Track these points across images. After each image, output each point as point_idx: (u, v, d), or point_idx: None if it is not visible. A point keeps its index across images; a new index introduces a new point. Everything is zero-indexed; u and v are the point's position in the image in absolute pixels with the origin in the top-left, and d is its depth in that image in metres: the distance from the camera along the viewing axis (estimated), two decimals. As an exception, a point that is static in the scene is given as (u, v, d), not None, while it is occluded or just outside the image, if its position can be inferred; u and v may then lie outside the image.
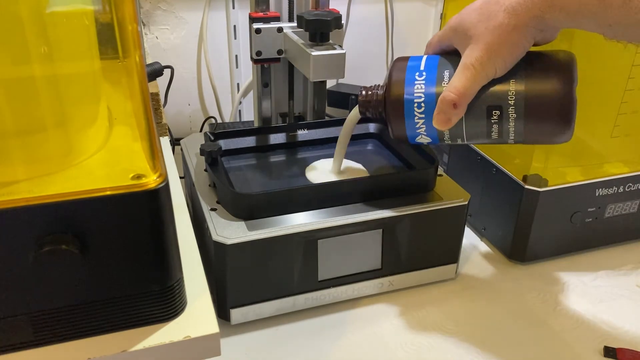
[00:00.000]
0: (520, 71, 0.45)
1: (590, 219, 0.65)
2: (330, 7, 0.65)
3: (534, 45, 0.46)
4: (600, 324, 0.57)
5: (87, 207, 0.34)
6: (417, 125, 0.49)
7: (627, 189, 0.65)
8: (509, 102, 0.45)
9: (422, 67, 0.48)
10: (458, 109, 0.45)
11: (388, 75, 0.50)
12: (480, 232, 0.71)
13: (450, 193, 0.59)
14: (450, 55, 0.48)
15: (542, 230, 0.64)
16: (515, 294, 0.62)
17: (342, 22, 0.63)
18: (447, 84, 0.46)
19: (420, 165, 0.62)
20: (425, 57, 0.50)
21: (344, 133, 0.60)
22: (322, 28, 0.57)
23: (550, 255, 0.67)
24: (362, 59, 1.05)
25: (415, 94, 0.48)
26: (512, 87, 0.45)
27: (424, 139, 0.50)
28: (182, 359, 0.38)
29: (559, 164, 0.62)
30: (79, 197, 0.33)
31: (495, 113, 0.46)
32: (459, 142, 0.49)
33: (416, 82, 0.48)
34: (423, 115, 0.48)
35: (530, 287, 0.63)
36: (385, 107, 0.50)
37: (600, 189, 0.64)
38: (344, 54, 0.57)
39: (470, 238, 0.71)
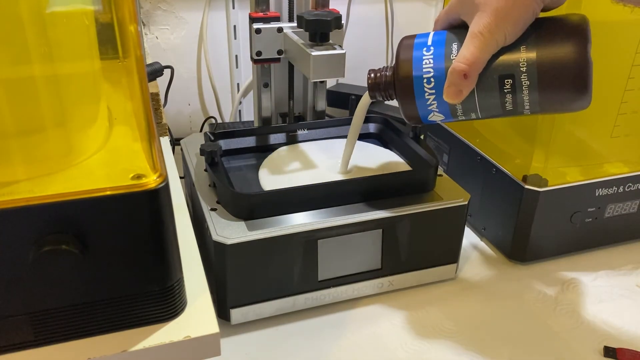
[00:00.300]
0: (531, 37, 0.44)
1: (590, 219, 0.65)
2: (330, 7, 0.65)
3: (543, 10, 0.44)
4: (600, 324, 0.57)
5: (87, 207, 0.34)
6: (429, 102, 0.47)
7: (627, 189, 0.65)
8: (521, 69, 0.44)
9: (429, 43, 0.47)
10: (469, 79, 0.44)
11: (395, 54, 0.49)
12: (480, 232, 0.71)
13: (450, 193, 0.59)
14: (458, 28, 0.47)
15: (542, 230, 0.64)
16: (515, 294, 0.62)
17: (342, 22, 0.63)
18: (455, 55, 0.45)
19: (420, 165, 0.62)
20: (432, 32, 0.49)
21: (356, 119, 0.59)
22: (322, 28, 0.57)
23: (550, 255, 0.67)
24: (362, 59, 1.05)
25: (424, 70, 0.47)
26: (523, 54, 0.44)
27: (436, 117, 0.49)
28: (182, 359, 0.38)
29: (559, 164, 0.62)
30: (79, 197, 0.33)
31: (507, 82, 0.44)
32: (473, 116, 0.48)
33: (424, 57, 0.47)
34: (433, 91, 0.47)
35: (530, 287, 0.63)
36: (395, 87, 0.49)
37: (600, 189, 0.64)
38: (344, 54, 0.56)
39: (470, 238, 0.71)
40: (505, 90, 0.45)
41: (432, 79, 0.46)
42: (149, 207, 0.35)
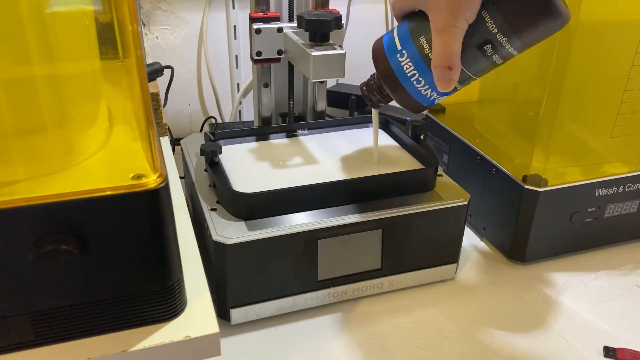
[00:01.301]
0: (487, 2, 0.44)
1: (590, 219, 0.65)
2: (330, 7, 0.65)
3: None
4: (600, 324, 0.57)
5: (87, 207, 0.34)
6: (427, 95, 0.49)
7: (627, 189, 0.65)
8: (493, 31, 0.45)
9: (399, 47, 0.48)
10: (453, 69, 0.45)
11: (374, 65, 0.50)
12: (480, 232, 0.71)
13: (450, 193, 0.59)
14: (417, 17, 0.47)
15: (542, 230, 0.64)
16: (515, 294, 0.62)
17: (342, 22, 0.63)
18: (429, 50, 0.46)
19: (420, 165, 0.62)
20: (395, 32, 0.49)
21: (374, 131, 0.62)
22: (322, 28, 0.57)
23: (550, 255, 0.67)
24: (362, 59, 1.04)
25: (409, 74, 0.48)
26: (488, 19, 0.44)
27: (439, 99, 0.50)
28: (182, 359, 0.38)
29: (559, 164, 0.62)
30: (79, 197, 0.33)
31: (487, 47, 0.45)
32: (471, 81, 0.49)
33: (402, 63, 0.48)
34: (427, 86, 0.48)
35: (530, 287, 0.63)
36: (390, 94, 0.50)
37: (600, 189, 0.64)
38: (344, 54, 0.57)
39: (470, 238, 0.71)
40: (489, 54, 0.46)
41: (420, 79, 0.48)
42: (149, 207, 0.35)
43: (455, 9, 0.43)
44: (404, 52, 0.47)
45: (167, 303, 0.38)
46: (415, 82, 0.48)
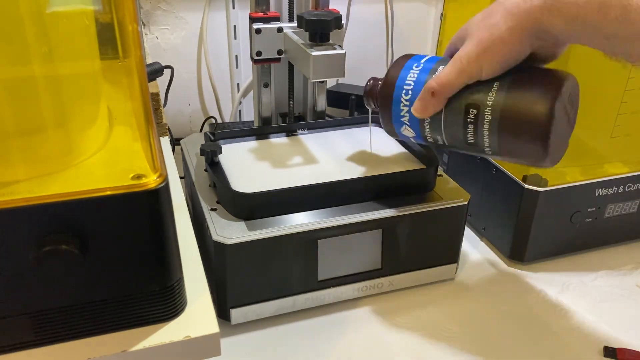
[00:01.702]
0: (508, 78, 0.44)
1: (590, 219, 0.65)
2: (330, 7, 0.65)
3: (535, 58, 0.45)
4: (600, 324, 0.57)
5: (87, 207, 0.34)
6: (402, 114, 0.49)
7: (627, 189, 0.65)
8: (487, 103, 0.44)
9: (422, 61, 0.50)
10: (435, 98, 0.46)
11: (383, 81, 0.52)
12: (480, 232, 0.71)
13: (450, 193, 0.59)
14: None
15: (542, 230, 0.64)
16: (515, 294, 0.62)
17: (342, 22, 0.63)
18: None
19: (420, 165, 0.62)
20: (429, 55, 0.51)
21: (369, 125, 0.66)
22: (322, 28, 0.57)
23: (550, 255, 0.67)
24: (362, 59, 1.05)
25: (406, 82, 0.49)
26: (494, 90, 0.44)
27: (408, 132, 0.51)
28: (182, 359, 0.38)
29: (559, 164, 0.61)
30: (79, 197, 0.33)
31: (472, 112, 0.45)
32: (440, 141, 0.49)
33: (411, 71, 0.49)
34: (408, 104, 0.49)
35: (530, 287, 0.63)
36: (380, 93, 0.52)
37: (600, 189, 0.64)
38: (344, 54, 0.56)
39: (470, 238, 0.71)
40: (469, 120, 0.45)
41: (410, 92, 0.48)
42: (149, 207, 0.35)
43: (480, 50, 0.43)
44: (421, 64, 0.50)
45: (167, 303, 0.38)
46: (403, 94, 0.49)
